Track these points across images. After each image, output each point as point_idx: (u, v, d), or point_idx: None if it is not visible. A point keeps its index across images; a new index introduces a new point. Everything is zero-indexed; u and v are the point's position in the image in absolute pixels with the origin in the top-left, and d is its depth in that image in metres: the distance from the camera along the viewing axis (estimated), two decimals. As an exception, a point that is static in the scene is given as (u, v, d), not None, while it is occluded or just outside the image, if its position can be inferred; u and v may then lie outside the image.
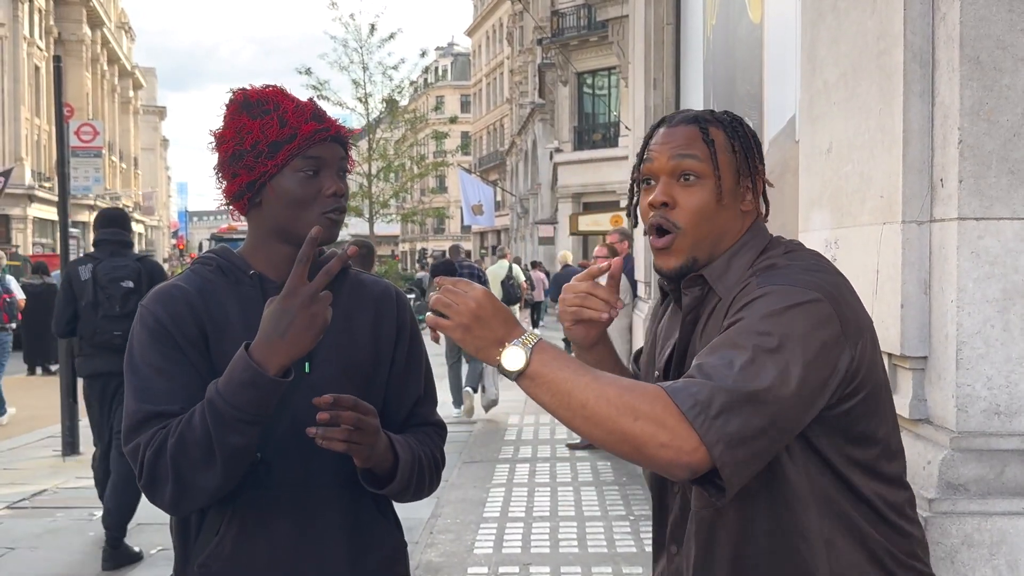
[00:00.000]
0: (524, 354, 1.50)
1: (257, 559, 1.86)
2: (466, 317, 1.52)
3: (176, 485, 1.74)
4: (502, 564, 5.32)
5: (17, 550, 5.89)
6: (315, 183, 1.87)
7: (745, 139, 1.74)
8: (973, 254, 2.32)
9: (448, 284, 1.56)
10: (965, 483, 2.29)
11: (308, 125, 1.86)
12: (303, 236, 1.85)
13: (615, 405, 1.45)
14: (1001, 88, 2.31)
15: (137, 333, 1.85)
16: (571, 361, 1.52)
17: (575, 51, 34.16)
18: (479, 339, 1.53)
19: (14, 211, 41.40)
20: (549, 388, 1.49)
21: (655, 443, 1.44)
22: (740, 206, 1.72)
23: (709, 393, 1.44)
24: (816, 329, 1.52)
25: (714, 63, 5.85)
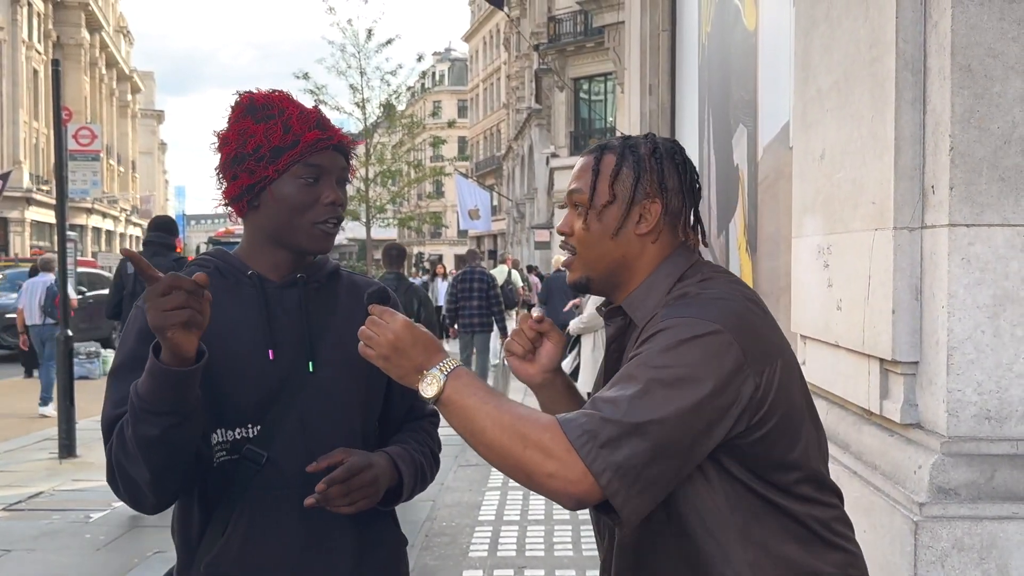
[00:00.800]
0: (439, 381, 1.58)
1: (265, 558, 1.87)
2: (385, 348, 1.62)
3: (121, 480, 1.78)
4: (497, 567, 5.33)
5: (14, 552, 5.89)
6: (314, 191, 1.88)
7: (638, 165, 1.74)
8: (964, 260, 2.34)
9: (374, 315, 1.66)
10: (956, 487, 2.31)
11: (311, 133, 1.87)
12: (298, 242, 1.89)
13: (507, 432, 1.51)
14: (992, 96, 2.33)
15: (126, 336, 1.86)
16: (481, 388, 1.59)
17: (571, 57, 34.25)
18: (399, 368, 1.62)
19: (12, 214, 41.37)
20: (457, 414, 1.57)
21: (543, 472, 1.48)
22: (635, 230, 1.74)
23: (598, 424, 1.47)
24: (713, 360, 1.52)
25: (709, 69, 5.88)
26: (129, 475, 1.77)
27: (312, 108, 1.94)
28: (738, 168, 5.00)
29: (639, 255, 1.75)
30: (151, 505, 1.84)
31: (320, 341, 1.93)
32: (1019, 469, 2.31)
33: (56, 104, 9.64)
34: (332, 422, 1.89)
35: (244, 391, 1.86)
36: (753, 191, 4.62)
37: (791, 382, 1.64)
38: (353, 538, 1.95)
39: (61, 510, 6.87)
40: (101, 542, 6.02)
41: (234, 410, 1.86)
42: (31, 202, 42.68)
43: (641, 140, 1.80)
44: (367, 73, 28.93)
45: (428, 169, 33.08)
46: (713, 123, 5.72)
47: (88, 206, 47.39)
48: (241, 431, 1.86)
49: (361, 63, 28.76)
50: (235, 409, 1.86)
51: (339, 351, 1.93)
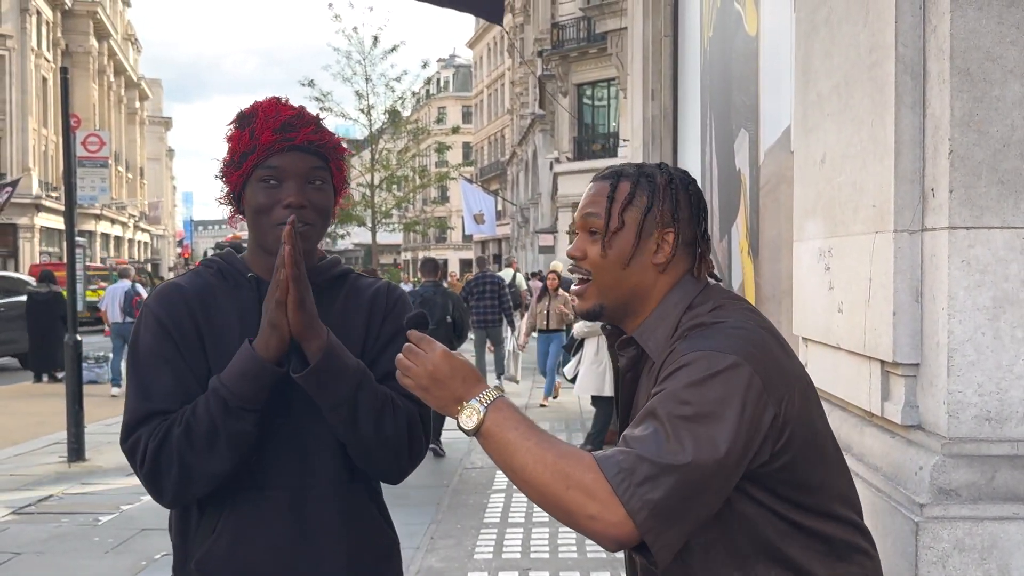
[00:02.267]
0: (479, 413, 1.57)
1: (253, 558, 1.89)
2: (424, 379, 1.61)
3: (181, 471, 1.81)
4: (502, 569, 5.35)
5: (23, 555, 5.92)
6: (275, 193, 1.90)
7: (654, 194, 1.76)
8: (964, 263, 2.35)
9: (412, 343, 1.64)
10: (956, 488, 2.31)
11: (266, 135, 1.88)
12: (268, 246, 1.92)
13: (550, 471, 1.51)
14: (991, 99, 2.34)
15: (140, 333, 1.92)
16: (522, 422, 1.58)
17: (575, 63, 34.31)
18: (438, 399, 1.62)
19: (21, 220, 41.55)
20: (498, 448, 1.56)
21: (584, 514, 1.49)
22: (652, 259, 1.76)
23: (633, 461, 1.49)
24: (736, 394, 1.54)
25: (711, 74, 5.89)
26: (192, 466, 1.81)
27: (288, 109, 1.94)
28: (740, 172, 5.01)
29: (652, 284, 1.77)
30: (196, 496, 1.88)
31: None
32: (1019, 470, 2.31)
33: (65, 111, 9.69)
34: (320, 422, 1.89)
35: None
36: (755, 195, 4.63)
37: (809, 407, 1.67)
38: (342, 538, 1.96)
39: (70, 513, 6.91)
40: (110, 545, 6.06)
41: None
42: (40, 208, 42.86)
43: (656, 169, 1.81)
44: (372, 79, 28.99)
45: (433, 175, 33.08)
46: (715, 128, 5.74)
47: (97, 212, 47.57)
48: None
49: (367, 69, 28.83)
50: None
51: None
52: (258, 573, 1.90)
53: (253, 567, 1.89)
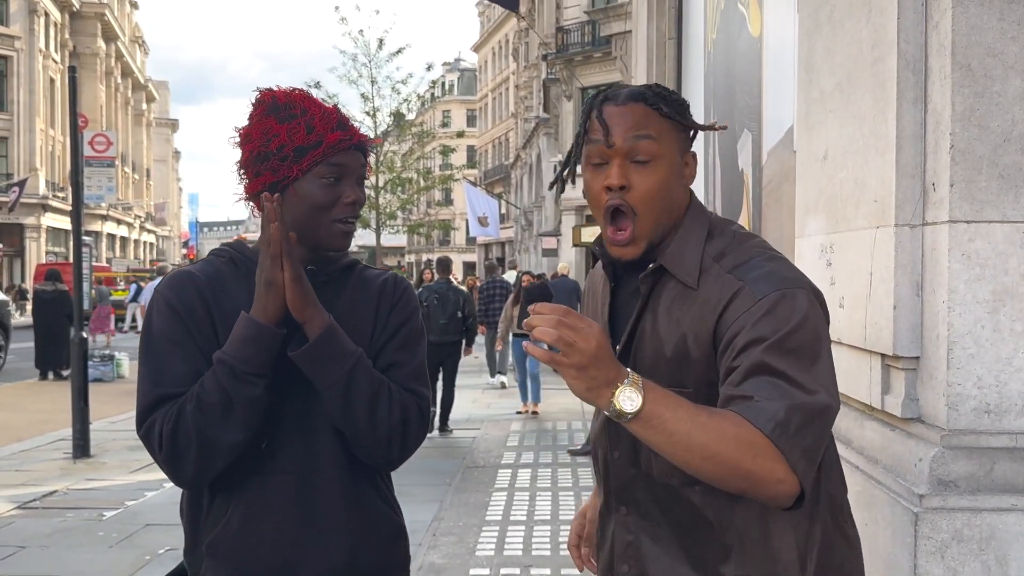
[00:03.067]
0: (639, 395, 1.44)
1: (262, 541, 1.91)
2: (586, 358, 1.43)
3: (200, 446, 1.83)
4: (504, 566, 5.36)
5: (28, 549, 5.95)
6: (335, 190, 1.92)
7: (682, 110, 1.73)
8: (964, 256, 2.37)
9: (567, 321, 1.44)
10: (955, 480, 2.33)
11: (334, 134, 1.91)
12: (319, 240, 1.94)
13: (733, 443, 1.45)
14: (992, 95, 2.36)
15: (152, 318, 1.93)
16: (680, 399, 1.49)
17: (579, 66, 34.33)
18: (592, 379, 1.44)
19: (28, 220, 41.67)
20: (665, 429, 1.45)
21: (774, 479, 1.46)
22: (684, 180, 1.74)
23: (787, 413, 1.48)
24: (822, 330, 1.60)
25: (714, 76, 5.92)
26: (210, 438, 1.83)
27: (332, 107, 1.98)
28: (743, 173, 5.03)
29: (682, 204, 1.74)
30: (217, 471, 1.88)
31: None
32: (1018, 462, 2.33)
33: (72, 110, 9.73)
34: (325, 410, 1.91)
35: None
36: (757, 195, 4.65)
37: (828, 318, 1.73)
38: (348, 523, 1.97)
39: (75, 508, 6.93)
40: (114, 539, 6.08)
41: None
42: (47, 208, 42.98)
43: (664, 89, 1.74)
44: (378, 82, 29.05)
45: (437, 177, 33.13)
46: (719, 128, 5.76)
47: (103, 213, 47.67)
48: None
49: (372, 72, 28.88)
50: None
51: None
52: (266, 557, 1.92)
53: (261, 551, 1.92)
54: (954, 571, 2.28)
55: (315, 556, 1.95)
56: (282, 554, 1.92)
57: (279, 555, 1.92)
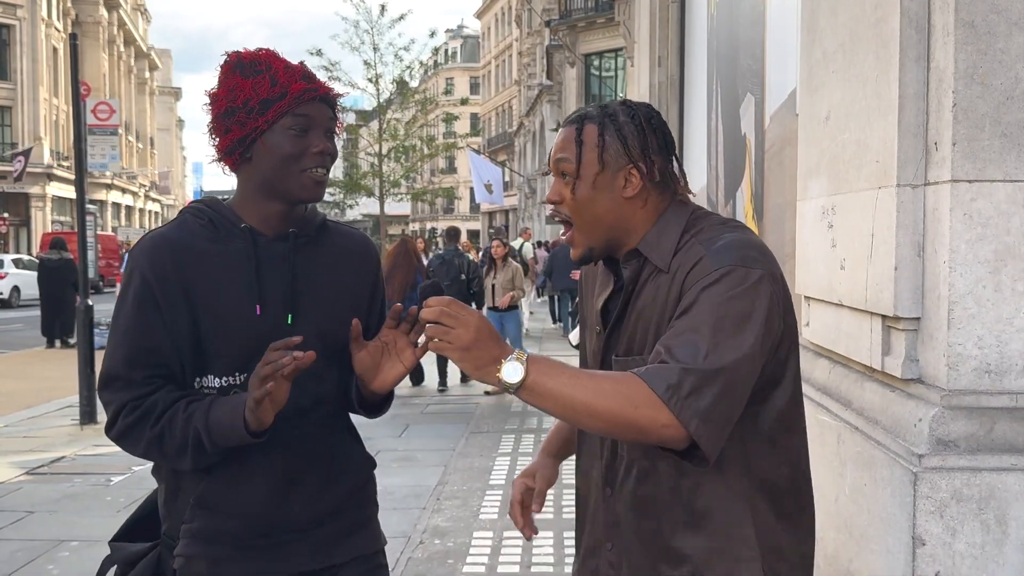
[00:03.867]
0: (521, 367, 1.64)
1: (256, 489, 1.98)
2: (467, 340, 1.65)
3: (148, 455, 1.95)
4: (507, 528, 5.40)
5: (36, 513, 6.01)
6: (303, 141, 1.95)
7: (620, 131, 1.85)
8: (966, 216, 2.36)
9: (445, 309, 1.66)
10: (955, 439, 2.34)
11: (298, 84, 1.94)
12: (289, 191, 1.96)
13: (614, 399, 1.62)
14: (995, 52, 2.35)
15: (127, 288, 1.97)
16: (563, 367, 1.68)
17: (582, 33, 34.12)
18: (478, 359, 1.65)
19: (33, 189, 41.67)
20: (550, 394, 1.64)
21: (659, 425, 1.61)
22: (622, 194, 1.85)
23: (679, 376, 1.62)
24: (764, 305, 1.69)
25: (718, 40, 5.88)
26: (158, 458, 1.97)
27: (298, 64, 2.00)
28: (745, 137, 5.02)
29: (631, 216, 1.87)
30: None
31: (303, 295, 2.02)
32: (1018, 422, 2.34)
33: (74, 77, 9.70)
34: (311, 372, 1.92)
35: (231, 342, 1.95)
36: (760, 159, 4.64)
37: (793, 321, 1.81)
38: (335, 460, 2.09)
39: (82, 474, 6.99)
40: (121, 504, 6.13)
41: (222, 360, 1.96)
42: (52, 178, 42.96)
43: (619, 107, 1.90)
44: (380, 49, 28.84)
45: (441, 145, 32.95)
46: (721, 93, 5.73)
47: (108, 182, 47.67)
48: (229, 379, 1.97)
49: (374, 39, 28.66)
50: (223, 359, 1.96)
51: (321, 304, 2.04)
52: (261, 503, 1.99)
53: (256, 498, 1.98)
54: (953, 530, 2.29)
55: (308, 497, 2.03)
56: (271, 506, 1.99)
57: (268, 507, 1.99)
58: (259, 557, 2.00)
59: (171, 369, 1.95)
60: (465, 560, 4.91)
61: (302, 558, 2.04)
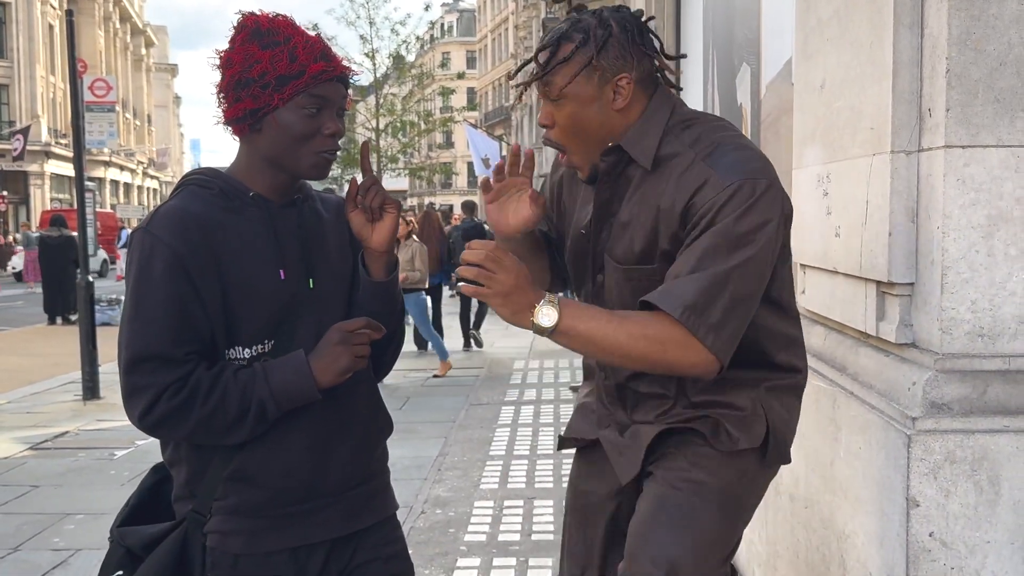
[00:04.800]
0: (555, 311, 1.70)
1: (294, 456, 1.98)
2: (507, 286, 1.70)
3: (192, 436, 1.91)
4: (507, 498, 5.46)
5: (41, 487, 6.06)
6: (316, 121, 1.92)
7: (603, 45, 1.85)
8: (959, 181, 2.38)
9: (489, 253, 1.71)
10: (948, 402, 2.37)
11: (317, 64, 1.90)
12: (298, 169, 1.96)
13: (643, 341, 1.70)
14: (988, 17, 2.35)
15: (147, 263, 1.86)
16: (594, 310, 1.75)
17: (579, 4, 33.96)
18: (516, 303, 1.71)
19: (32, 167, 41.55)
20: (582, 336, 1.72)
21: (687, 364, 1.73)
22: (612, 106, 1.87)
23: (694, 298, 1.69)
24: (775, 215, 1.78)
25: (713, 10, 5.86)
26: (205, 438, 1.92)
27: (316, 36, 1.96)
28: (742, 107, 5.01)
29: (623, 123, 1.89)
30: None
31: (316, 258, 2.02)
32: (1011, 384, 2.37)
33: (71, 54, 9.68)
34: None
35: (259, 310, 1.93)
36: (756, 129, 4.64)
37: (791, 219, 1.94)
38: (368, 425, 2.12)
39: (86, 448, 7.05)
40: (125, 478, 6.19)
41: (251, 328, 1.94)
42: (50, 156, 42.86)
43: (592, 19, 1.89)
44: (376, 23, 28.72)
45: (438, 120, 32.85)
46: (717, 63, 5.71)
47: (106, 159, 47.54)
48: (258, 347, 1.95)
49: (370, 13, 28.55)
50: (251, 327, 1.94)
51: (330, 266, 2.05)
52: (300, 471, 1.98)
53: (295, 465, 1.98)
54: (946, 491, 2.32)
55: (343, 460, 2.04)
56: (308, 470, 1.99)
57: (306, 472, 1.98)
58: (295, 525, 1.98)
59: (206, 344, 1.90)
60: (466, 529, 4.96)
61: (335, 524, 2.03)
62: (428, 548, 4.68)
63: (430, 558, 4.55)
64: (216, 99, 1.96)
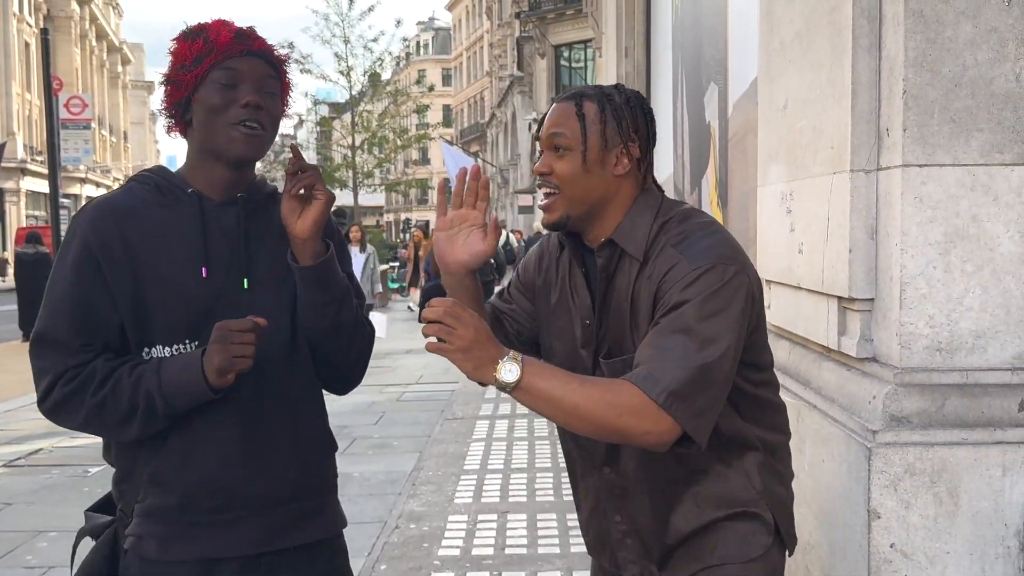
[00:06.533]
0: (518, 367, 1.72)
1: (208, 467, 1.92)
2: (467, 341, 1.72)
3: (86, 427, 1.90)
4: (481, 512, 5.46)
5: (14, 505, 6.01)
6: (231, 94, 1.91)
7: (618, 112, 1.93)
8: (916, 199, 2.44)
9: (448, 310, 1.72)
10: (908, 415, 2.41)
11: (224, 37, 1.92)
12: (218, 145, 1.93)
13: (600, 405, 1.71)
14: (944, 40, 2.42)
15: (64, 250, 1.91)
16: (555, 370, 1.77)
17: (552, 24, 34.10)
18: (477, 359, 1.73)
19: (7, 184, 41.23)
20: (541, 395, 1.73)
21: (639, 432, 1.72)
22: (612, 171, 1.93)
23: (672, 381, 1.71)
24: (741, 298, 1.80)
25: (682, 30, 5.94)
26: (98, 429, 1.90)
27: (239, 26, 1.98)
28: (710, 125, 5.09)
29: (615, 193, 1.94)
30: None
31: (256, 260, 1.98)
32: (968, 397, 2.42)
33: (46, 72, 9.68)
34: (274, 336, 1.93)
35: (178, 308, 1.89)
36: (724, 147, 4.71)
37: (761, 300, 1.92)
38: (294, 446, 2.01)
39: (60, 465, 6.97)
40: (99, 494, 6.02)
41: (168, 326, 1.90)
42: (26, 172, 42.55)
43: (614, 90, 1.98)
44: (351, 41, 28.75)
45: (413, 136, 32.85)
46: (686, 82, 5.79)
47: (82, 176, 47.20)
48: (179, 347, 1.90)
49: (345, 31, 28.58)
50: (169, 325, 1.90)
51: (273, 270, 1.99)
52: (212, 483, 1.93)
53: (207, 477, 1.93)
54: (907, 503, 2.37)
55: (262, 480, 1.96)
56: (229, 479, 1.93)
57: (225, 480, 1.93)
58: (208, 536, 1.93)
59: (110, 337, 1.89)
60: (440, 543, 4.96)
61: (252, 540, 1.96)
62: (402, 563, 4.68)
63: (404, 573, 4.55)
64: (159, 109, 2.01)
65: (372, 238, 29.63)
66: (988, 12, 2.42)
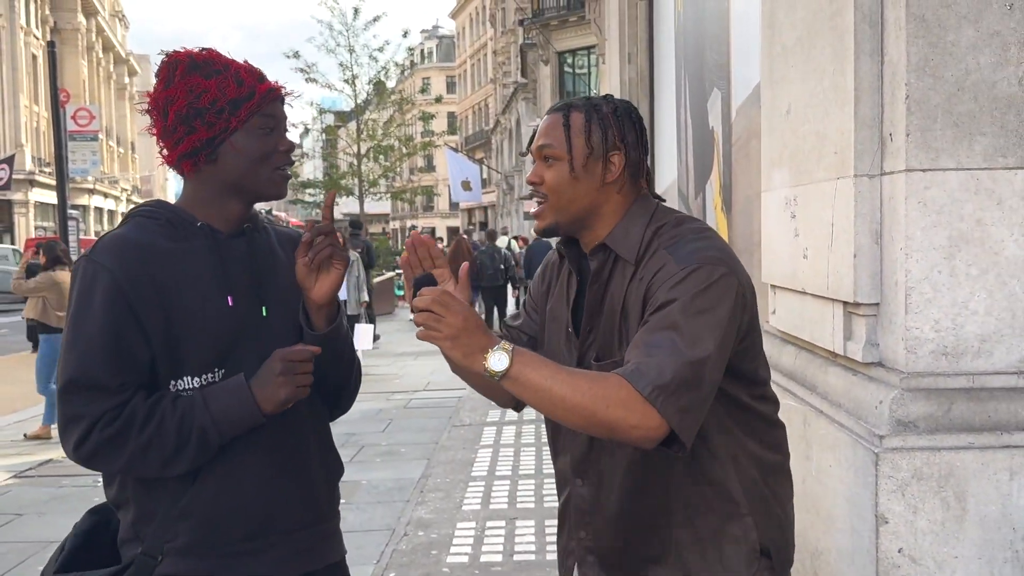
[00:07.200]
0: (507, 357, 1.71)
1: (244, 495, 1.93)
2: (455, 329, 1.72)
3: (128, 468, 1.88)
4: (490, 519, 5.47)
5: (25, 516, 6.04)
6: (271, 140, 1.96)
7: (604, 121, 1.96)
8: (920, 204, 2.43)
9: (436, 299, 1.73)
10: (914, 420, 2.41)
11: (264, 84, 1.97)
12: (260, 189, 1.98)
13: (588, 396, 1.70)
14: (945, 44, 2.42)
15: (88, 289, 1.87)
16: (545, 361, 1.77)
17: (555, 31, 34.18)
18: (467, 347, 1.72)
19: (16, 196, 41.36)
20: (531, 385, 1.72)
21: (627, 426, 1.71)
22: (602, 179, 1.95)
23: (659, 376, 1.71)
24: (729, 300, 1.81)
25: (685, 36, 5.95)
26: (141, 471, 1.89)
27: (243, 62, 2.00)
28: (713, 130, 5.09)
29: (605, 201, 1.97)
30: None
31: (269, 286, 2.02)
32: (975, 401, 2.41)
33: (53, 84, 9.73)
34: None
35: (206, 338, 1.91)
36: (727, 152, 4.71)
37: (755, 308, 1.92)
38: (321, 467, 2.08)
39: (70, 476, 7.00)
40: (108, 507, 6.15)
41: (198, 357, 1.91)
42: (34, 184, 42.74)
43: (602, 100, 2.01)
44: (356, 51, 28.75)
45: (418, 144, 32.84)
46: (689, 88, 5.80)
47: (90, 187, 47.42)
48: (207, 376, 1.92)
49: (350, 40, 28.59)
50: (199, 356, 1.91)
51: (282, 295, 2.03)
52: (248, 510, 1.95)
53: (240, 506, 1.94)
54: (914, 508, 2.36)
55: (294, 503, 2.00)
56: (263, 505, 1.95)
57: (260, 506, 1.95)
58: (246, 564, 1.94)
59: (144, 375, 1.87)
60: (449, 551, 4.97)
61: (286, 564, 1.99)
62: (411, 570, 4.69)
63: (413, 581, 4.56)
64: (159, 141, 1.98)
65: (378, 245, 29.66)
66: (990, 16, 2.42)
